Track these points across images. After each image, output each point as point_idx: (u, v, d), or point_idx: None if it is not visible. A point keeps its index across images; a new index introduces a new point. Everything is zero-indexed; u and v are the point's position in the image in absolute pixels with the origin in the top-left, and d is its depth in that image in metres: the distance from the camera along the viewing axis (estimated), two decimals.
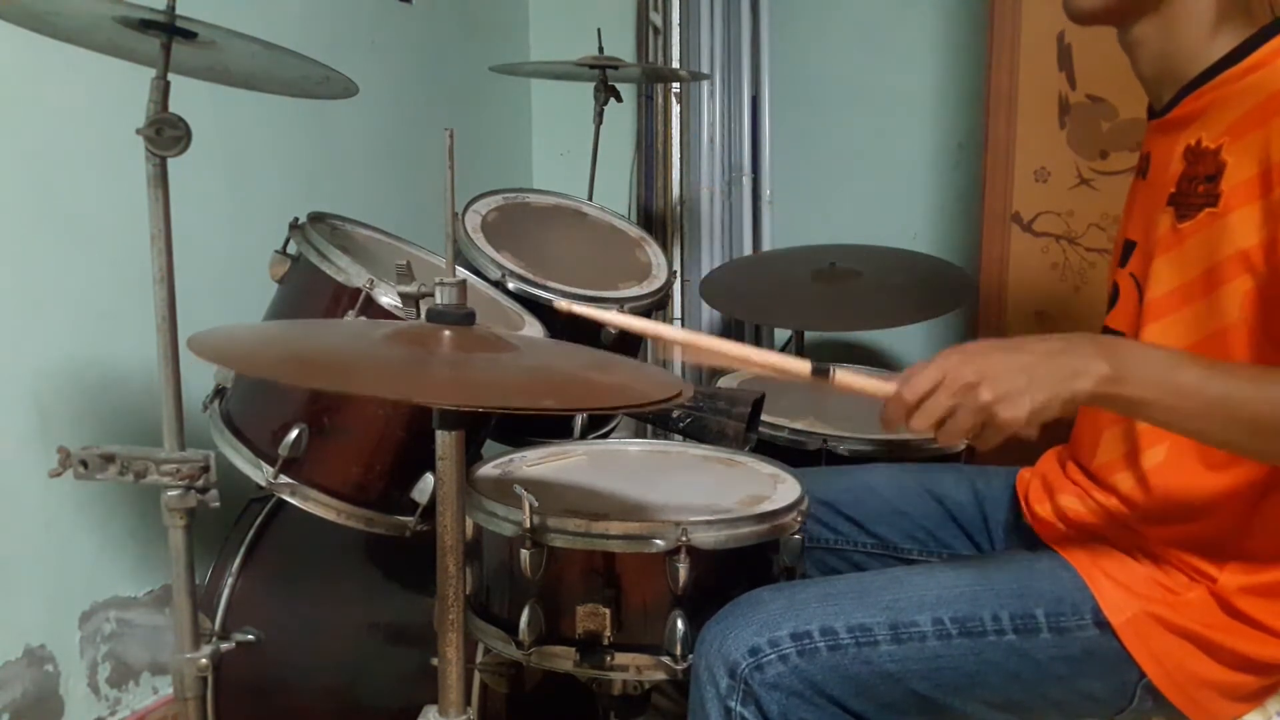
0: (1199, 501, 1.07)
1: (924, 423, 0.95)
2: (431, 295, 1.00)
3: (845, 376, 1.02)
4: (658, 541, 1.12)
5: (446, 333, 0.95)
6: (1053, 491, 1.23)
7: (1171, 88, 1.12)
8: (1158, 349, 0.99)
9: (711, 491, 1.29)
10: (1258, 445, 0.95)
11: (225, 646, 1.34)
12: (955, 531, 1.36)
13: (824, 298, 2.15)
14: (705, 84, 2.65)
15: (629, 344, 1.75)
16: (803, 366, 1.05)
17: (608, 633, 1.13)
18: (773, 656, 1.04)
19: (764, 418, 1.59)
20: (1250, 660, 1.05)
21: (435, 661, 1.02)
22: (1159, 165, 1.14)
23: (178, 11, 1.08)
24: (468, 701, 1.28)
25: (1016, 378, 0.92)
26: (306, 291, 1.41)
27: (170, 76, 1.12)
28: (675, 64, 2.65)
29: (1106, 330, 1.20)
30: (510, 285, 1.63)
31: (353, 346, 1.01)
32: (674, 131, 2.70)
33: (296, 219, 1.44)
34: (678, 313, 2.70)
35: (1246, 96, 1.03)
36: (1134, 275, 1.16)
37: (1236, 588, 1.04)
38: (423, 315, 0.98)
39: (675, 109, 2.69)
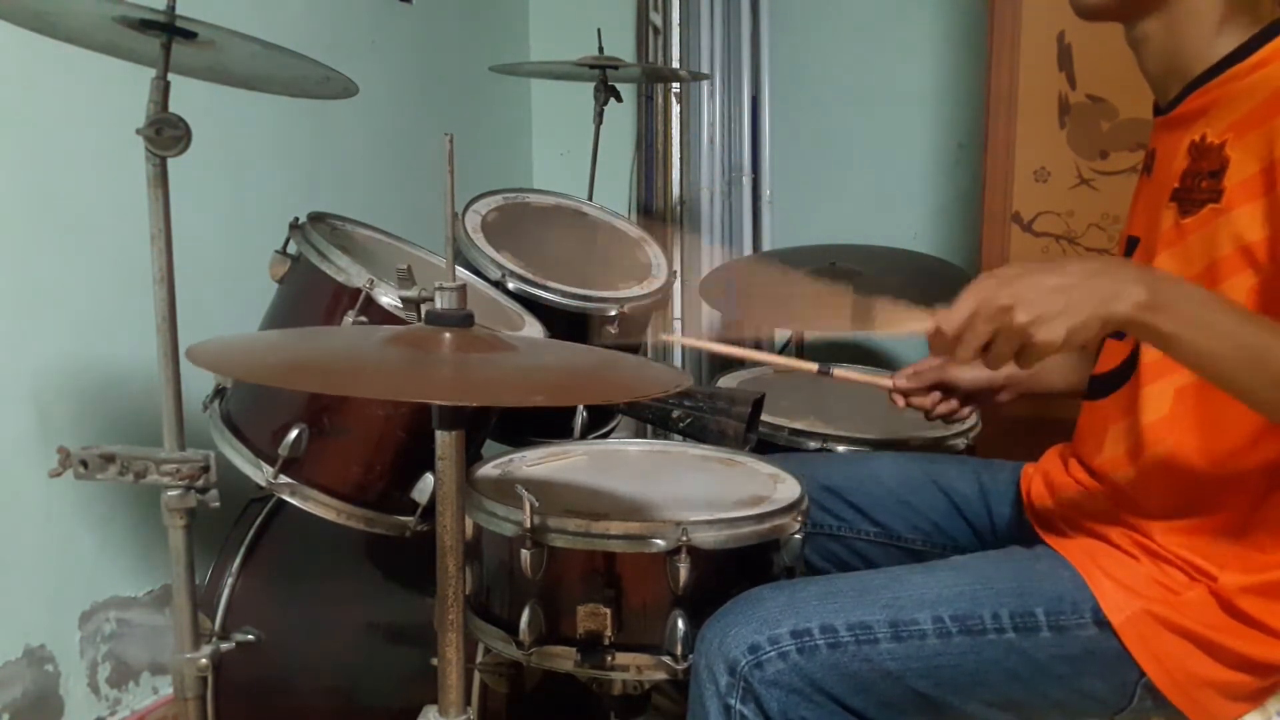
0: (1201, 501, 1.07)
1: (967, 353, 0.95)
2: (431, 299, 1.00)
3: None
4: (658, 541, 1.12)
5: (446, 335, 0.95)
6: (1055, 488, 1.23)
7: (1177, 84, 1.12)
8: (1197, 287, 0.97)
9: (711, 491, 1.29)
10: (1274, 397, 0.93)
11: (225, 646, 1.34)
12: (959, 523, 1.36)
13: (824, 298, 2.14)
14: (705, 84, 2.66)
15: (629, 344, 1.75)
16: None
17: (608, 633, 1.13)
18: (772, 654, 1.04)
19: (764, 418, 1.59)
20: (1250, 660, 1.05)
21: (435, 661, 1.02)
22: (1163, 161, 1.14)
23: (178, 11, 1.08)
24: (468, 701, 1.28)
25: (1053, 299, 0.90)
26: (306, 292, 1.41)
27: (170, 76, 1.12)
28: (675, 64, 2.65)
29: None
30: (510, 285, 1.63)
31: (352, 351, 1.01)
32: (674, 131, 2.70)
33: (296, 219, 1.44)
34: (678, 313, 2.70)
35: (1251, 93, 1.03)
36: None
37: (1237, 588, 1.04)
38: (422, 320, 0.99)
39: (675, 109, 2.69)
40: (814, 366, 1.44)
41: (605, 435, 1.79)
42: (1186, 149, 1.09)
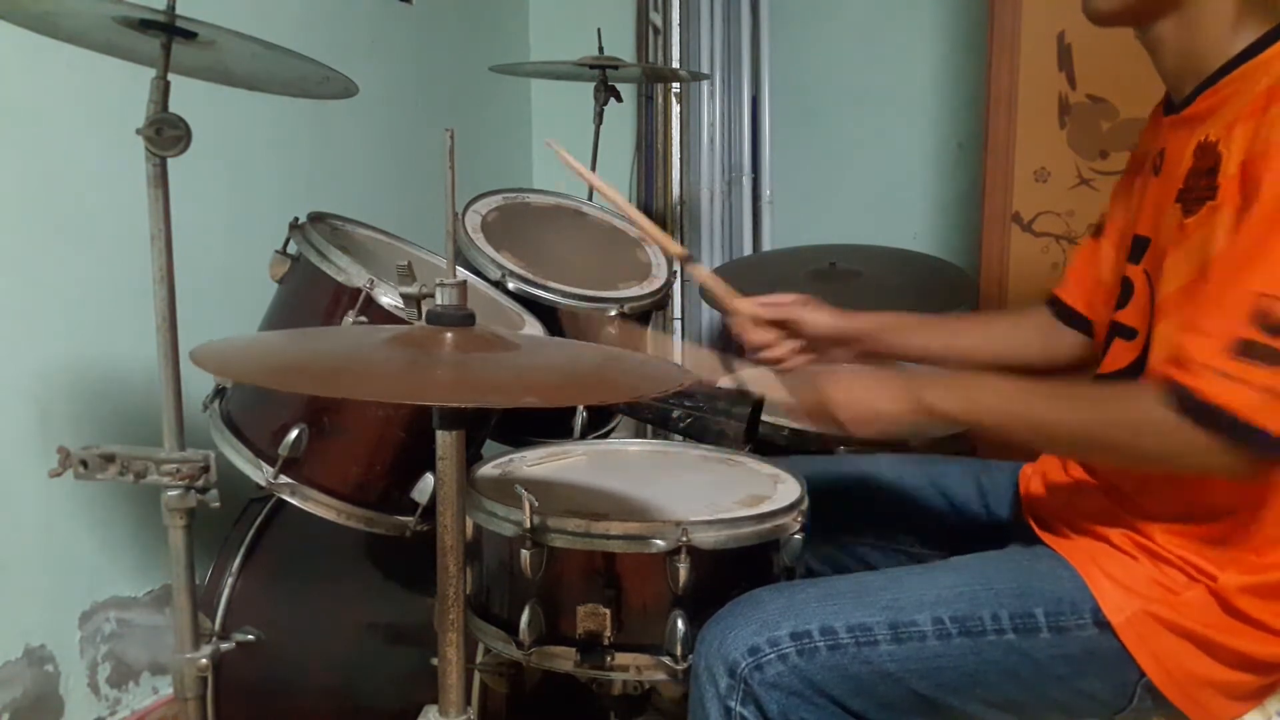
0: (1201, 502, 1.07)
1: (807, 421, 1.21)
2: (432, 296, 1.00)
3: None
4: (658, 541, 1.12)
5: (447, 334, 0.95)
6: (1053, 488, 1.23)
7: (1191, 83, 1.11)
8: (967, 378, 1.19)
9: (711, 491, 1.29)
10: (1087, 457, 1.10)
11: (225, 646, 1.34)
12: (958, 524, 1.36)
13: (824, 298, 2.14)
14: (705, 84, 2.65)
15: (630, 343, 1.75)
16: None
17: (608, 633, 1.13)
18: (772, 656, 1.04)
19: (764, 418, 1.59)
20: (1250, 659, 1.05)
21: (435, 661, 1.02)
22: (1172, 161, 1.14)
23: (178, 11, 1.08)
24: (468, 701, 1.28)
25: (851, 402, 1.15)
26: (307, 291, 1.41)
27: (170, 76, 1.12)
28: (675, 64, 2.65)
29: (1115, 325, 1.20)
30: (510, 285, 1.63)
31: (353, 352, 1.01)
32: (674, 131, 2.70)
33: (296, 219, 1.44)
34: (678, 313, 2.70)
35: (1247, 92, 1.03)
36: (1148, 272, 1.15)
37: (1236, 588, 1.04)
38: (423, 316, 0.98)
39: (675, 109, 2.69)
40: (682, 251, 1.43)
41: (605, 435, 1.79)
42: (1193, 150, 1.09)
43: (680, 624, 1.12)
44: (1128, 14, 1.12)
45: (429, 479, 1.36)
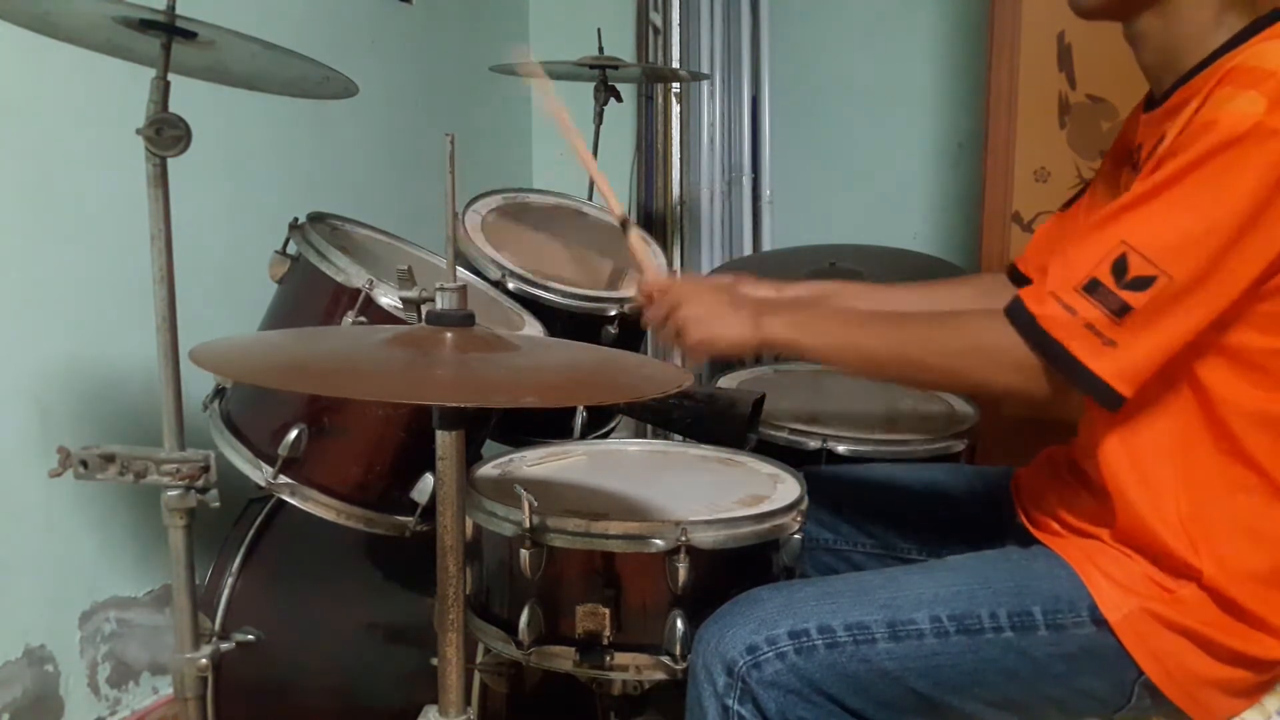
0: (1188, 497, 1.07)
1: (651, 316, 1.27)
2: (432, 300, 1.00)
3: (637, 241, 1.40)
4: (657, 541, 1.12)
5: (447, 334, 0.95)
6: (1047, 490, 1.23)
7: (1170, 78, 1.12)
8: (814, 307, 1.24)
9: (711, 491, 1.29)
10: (917, 380, 1.20)
11: (225, 646, 1.34)
12: (954, 531, 1.36)
13: None
14: (705, 84, 2.65)
15: (629, 343, 1.75)
16: (619, 210, 1.43)
17: (607, 633, 1.13)
18: (770, 655, 1.04)
19: (764, 418, 1.59)
20: (1246, 656, 1.05)
21: (435, 661, 1.02)
22: (1145, 157, 1.15)
23: (178, 11, 1.08)
24: (468, 701, 1.28)
25: (698, 308, 1.21)
26: (306, 292, 1.41)
27: (170, 76, 1.12)
28: (675, 64, 2.65)
29: None
30: (510, 285, 1.63)
31: (353, 352, 1.01)
32: (674, 131, 2.70)
33: (296, 219, 1.44)
34: None
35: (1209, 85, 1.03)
36: None
37: (1230, 583, 1.04)
38: (423, 320, 0.99)
39: (675, 109, 2.69)
40: (620, 212, 1.46)
41: (605, 435, 1.79)
42: (1157, 142, 1.09)
43: (680, 624, 1.12)
44: (1111, 8, 1.13)
45: (429, 479, 1.36)
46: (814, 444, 1.62)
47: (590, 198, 2.16)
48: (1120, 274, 0.98)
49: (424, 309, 1.07)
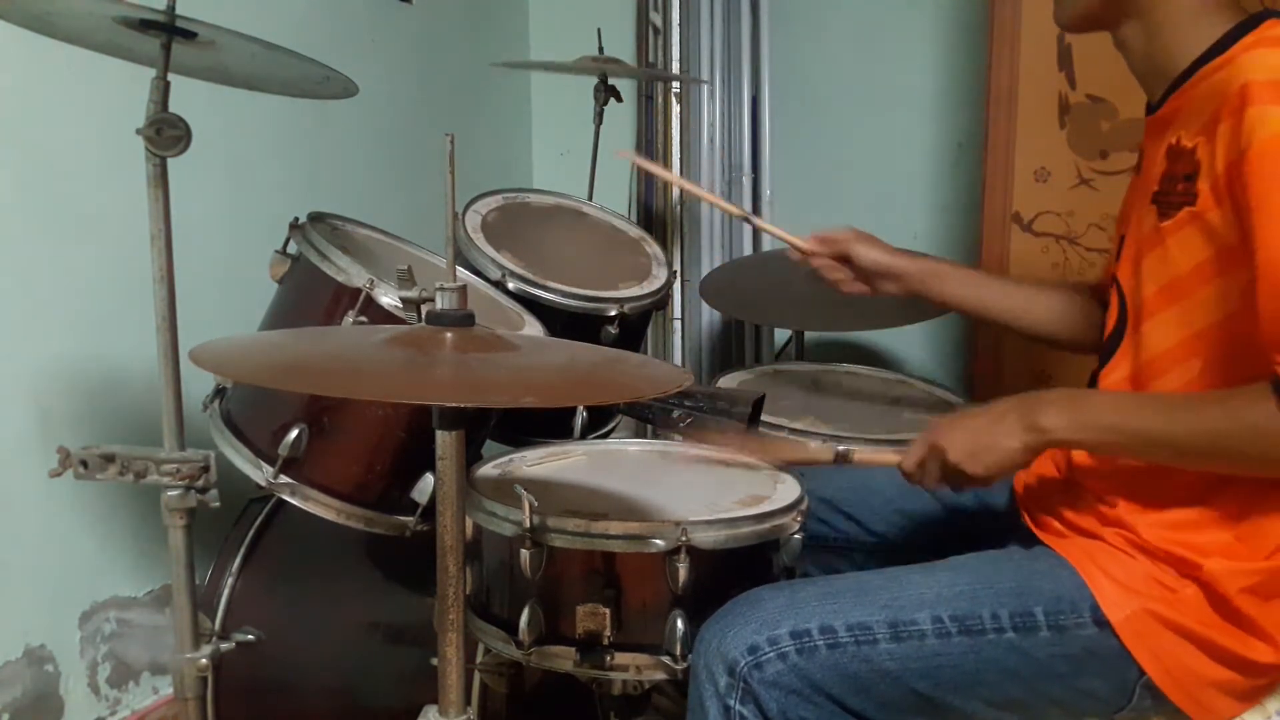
0: (1187, 498, 1.07)
1: (929, 483, 1.17)
2: (432, 300, 1.00)
3: (863, 453, 1.31)
4: (658, 541, 1.12)
5: (447, 334, 0.95)
6: (1049, 490, 1.23)
7: (1161, 85, 1.12)
8: (1098, 395, 1.14)
9: (711, 491, 1.29)
10: (1195, 465, 1.05)
11: (225, 646, 1.34)
12: (955, 531, 1.36)
13: (824, 298, 2.14)
14: (705, 84, 2.65)
15: (629, 343, 1.75)
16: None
17: (608, 633, 1.13)
18: (772, 655, 1.04)
19: (764, 418, 1.59)
20: (1240, 659, 1.05)
21: (435, 661, 1.02)
22: (1148, 163, 1.15)
23: (178, 11, 1.08)
24: (468, 701, 1.28)
25: (968, 442, 1.12)
26: (306, 291, 1.41)
27: (170, 76, 1.12)
28: (675, 64, 2.65)
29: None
30: (510, 285, 1.63)
31: (353, 351, 1.01)
32: (674, 131, 2.69)
33: (296, 219, 1.44)
34: (678, 313, 2.70)
35: (1215, 94, 1.02)
36: (1115, 276, 1.19)
37: (1228, 582, 1.04)
38: (423, 320, 0.99)
39: (675, 109, 2.69)
40: (740, 211, 1.55)
41: (605, 435, 1.79)
42: (1165, 152, 1.09)
43: (680, 624, 1.12)
44: (1090, 20, 1.14)
45: (429, 479, 1.36)
46: (813, 444, 1.62)
47: (590, 196, 2.16)
48: None
49: (424, 309, 1.07)
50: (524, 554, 1.12)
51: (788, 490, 1.27)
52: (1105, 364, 1.17)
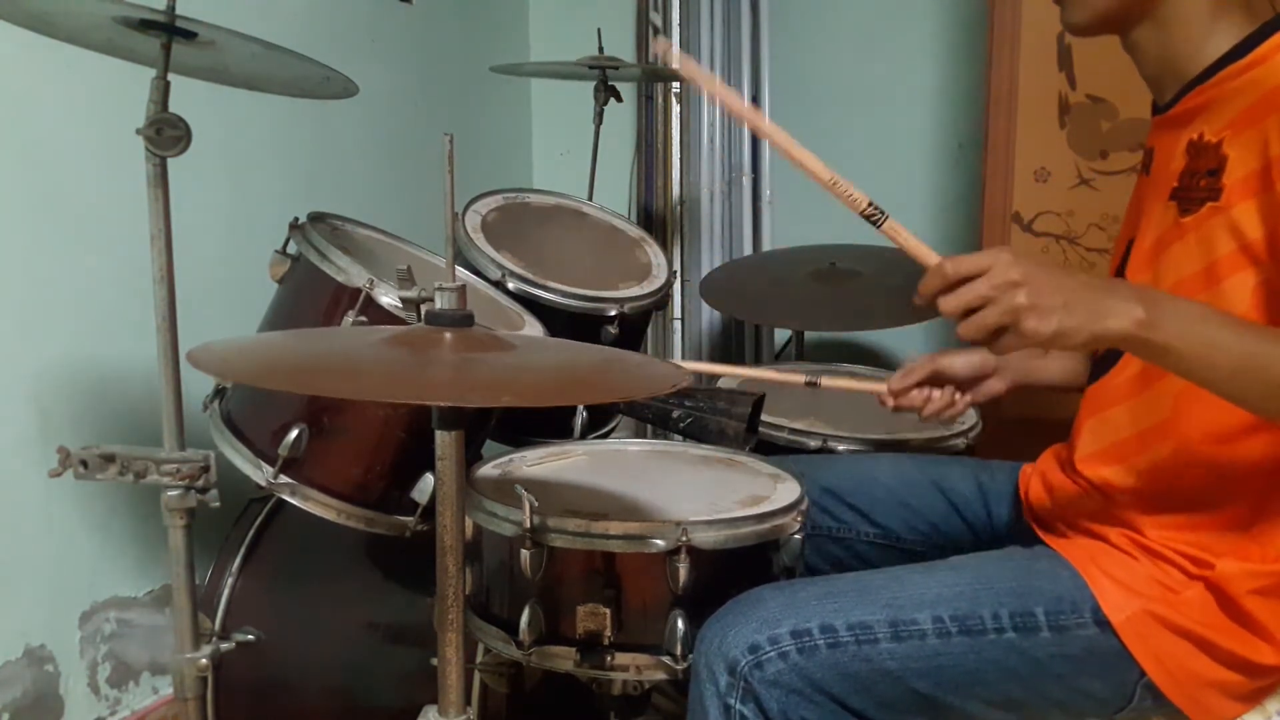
0: (1200, 498, 1.07)
1: (955, 304, 0.95)
2: (431, 300, 1.00)
3: (898, 228, 1.11)
4: (658, 541, 1.12)
5: (446, 334, 0.95)
6: (1052, 488, 1.23)
7: (1174, 85, 1.12)
8: (1194, 303, 0.98)
9: (711, 491, 1.29)
10: (1270, 405, 0.95)
11: (225, 646, 1.34)
12: (958, 524, 1.36)
13: (824, 298, 2.15)
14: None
15: (629, 343, 1.75)
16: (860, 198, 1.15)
17: (608, 633, 1.13)
18: (772, 654, 1.04)
19: (764, 418, 1.59)
20: (1242, 660, 1.05)
21: (435, 661, 1.02)
22: (1162, 160, 1.15)
23: (178, 11, 1.08)
24: (468, 701, 1.28)
25: (1055, 294, 0.91)
26: (306, 292, 1.41)
27: (170, 76, 1.12)
28: (675, 64, 2.65)
29: None
30: (510, 285, 1.63)
31: (352, 352, 1.01)
32: (674, 131, 2.70)
33: (296, 219, 1.44)
34: (678, 313, 2.70)
35: (1247, 92, 1.04)
36: (1124, 275, 1.18)
37: (1237, 583, 1.04)
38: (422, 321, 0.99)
39: (675, 109, 2.69)
40: (801, 379, 1.44)
41: (605, 435, 1.79)
42: (1184, 148, 1.10)
43: (680, 624, 1.12)
44: (1101, 23, 1.14)
45: (429, 479, 1.36)
46: (814, 444, 1.62)
47: (590, 196, 2.16)
48: None
49: (424, 308, 1.07)
50: (524, 554, 1.12)
51: (788, 490, 1.27)
52: (1114, 364, 1.16)
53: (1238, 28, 1.07)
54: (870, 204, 1.09)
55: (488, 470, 1.34)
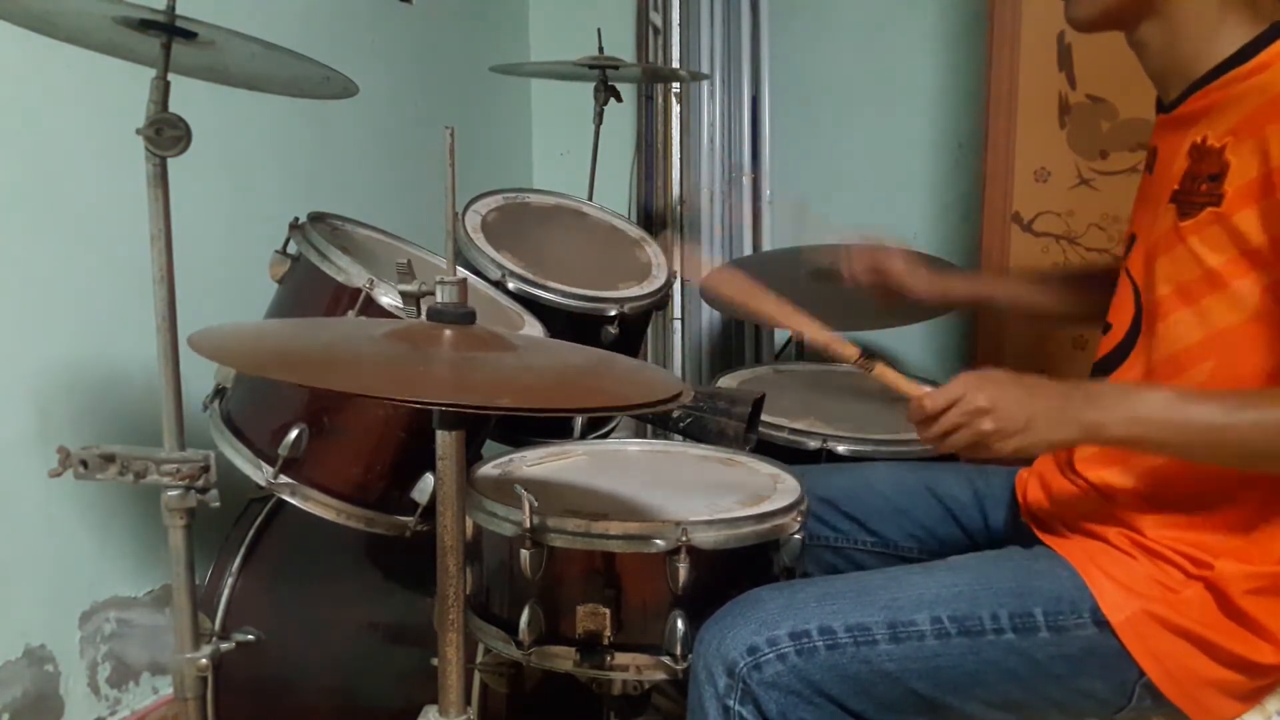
0: (1199, 498, 1.07)
1: (933, 433, 1.07)
2: (432, 294, 1.00)
3: (885, 371, 1.20)
4: (658, 541, 1.12)
5: (447, 332, 0.95)
6: (1050, 490, 1.23)
7: (1179, 84, 1.12)
8: (1163, 390, 1.05)
9: (711, 491, 1.29)
10: (1259, 467, 1.02)
11: (225, 646, 1.34)
12: (955, 530, 1.36)
13: (824, 298, 2.14)
14: (705, 84, 2.65)
15: (629, 343, 1.75)
16: (851, 351, 1.23)
17: (608, 633, 1.13)
18: (771, 656, 1.04)
19: (764, 418, 1.59)
20: (1242, 660, 1.06)
21: (435, 661, 1.02)
22: (1165, 161, 1.15)
23: (178, 11, 1.08)
24: (468, 701, 1.28)
25: (1018, 416, 1.03)
26: (306, 291, 1.41)
27: (170, 76, 1.12)
28: (675, 64, 2.65)
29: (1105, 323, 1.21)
30: (510, 285, 1.63)
31: (352, 344, 1.01)
32: (674, 131, 2.70)
33: (296, 219, 1.44)
34: (678, 313, 2.70)
35: (1251, 97, 1.03)
36: (1128, 270, 1.18)
37: (1238, 584, 1.04)
38: (423, 314, 0.98)
39: (675, 109, 2.69)
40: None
41: (605, 435, 1.79)
42: (1187, 151, 1.09)
43: (680, 624, 1.12)
44: (1107, 20, 1.13)
45: (429, 479, 1.36)
46: (814, 444, 1.62)
47: (590, 196, 2.16)
48: None
49: (423, 304, 1.07)
50: (524, 554, 1.12)
51: (788, 490, 1.27)
52: (1120, 364, 1.16)
53: (1244, 26, 1.07)
54: (860, 355, 1.22)
55: (488, 470, 1.34)
